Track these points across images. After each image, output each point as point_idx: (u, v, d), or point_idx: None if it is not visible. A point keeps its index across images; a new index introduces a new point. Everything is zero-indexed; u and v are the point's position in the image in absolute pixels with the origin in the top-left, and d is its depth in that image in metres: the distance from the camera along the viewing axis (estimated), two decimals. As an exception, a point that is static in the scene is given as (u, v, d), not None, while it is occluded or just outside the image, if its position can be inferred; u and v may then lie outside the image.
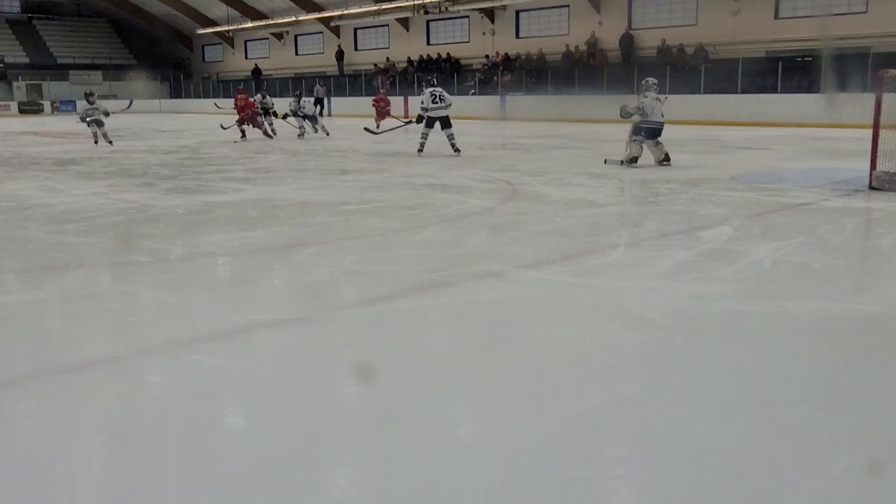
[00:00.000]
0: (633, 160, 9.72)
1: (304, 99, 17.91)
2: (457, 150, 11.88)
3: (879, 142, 7.68)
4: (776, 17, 21.72)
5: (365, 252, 5.44)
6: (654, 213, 7.03)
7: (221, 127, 17.35)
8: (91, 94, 15.44)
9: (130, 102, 18.70)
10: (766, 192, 7.84)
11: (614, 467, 2.34)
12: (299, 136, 16.94)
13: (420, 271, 4.74)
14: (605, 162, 10.00)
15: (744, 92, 20.13)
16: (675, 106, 11.21)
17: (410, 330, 3.70)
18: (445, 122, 11.99)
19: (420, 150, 11.98)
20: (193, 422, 2.68)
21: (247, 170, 10.79)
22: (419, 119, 12.18)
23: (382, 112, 19.19)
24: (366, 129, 13.96)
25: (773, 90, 19.64)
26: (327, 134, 17.26)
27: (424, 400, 2.84)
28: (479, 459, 2.39)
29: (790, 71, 19.82)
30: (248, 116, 16.68)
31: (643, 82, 9.95)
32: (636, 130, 9.73)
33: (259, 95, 17.65)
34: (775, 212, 6.73)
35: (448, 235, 5.94)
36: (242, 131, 16.64)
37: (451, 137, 11.98)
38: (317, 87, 28.08)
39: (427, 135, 12.05)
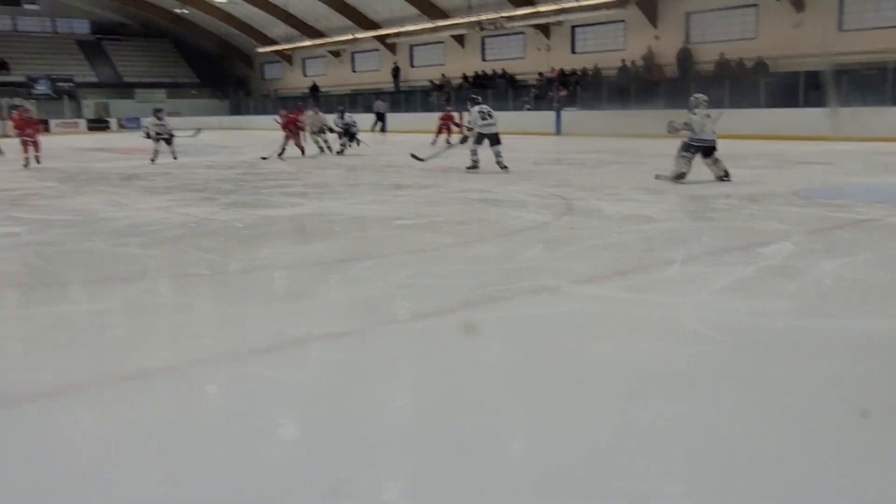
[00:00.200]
0: (679, 176, 9.54)
1: (346, 114, 17.93)
2: (503, 168, 11.87)
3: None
4: (840, 29, 21.22)
5: (419, 266, 5.47)
6: (712, 228, 6.91)
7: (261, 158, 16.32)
8: (159, 111, 15.75)
9: (198, 130, 18.82)
10: (829, 207, 7.64)
11: (667, 484, 2.30)
12: (338, 152, 17.02)
13: (473, 286, 4.74)
14: (657, 177, 9.87)
15: (806, 106, 19.68)
16: (733, 120, 11.05)
17: (463, 344, 3.70)
18: (494, 139, 12.00)
19: (473, 168, 11.99)
20: (249, 432, 2.72)
21: (303, 185, 10.97)
22: (464, 139, 12.22)
23: (448, 129, 19.26)
24: (412, 155, 13.68)
25: (837, 104, 19.13)
26: (358, 144, 17.45)
27: (477, 413, 2.84)
28: (532, 473, 2.38)
29: (855, 84, 19.30)
30: (292, 132, 16.65)
31: (692, 98, 9.79)
32: (686, 147, 9.56)
33: (336, 115, 17.96)
34: (839, 228, 6.55)
35: (502, 250, 5.93)
36: (301, 148, 16.78)
37: (497, 154, 11.98)
38: (377, 103, 28.38)
39: (476, 151, 12.07)
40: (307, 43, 37.52)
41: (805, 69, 20.43)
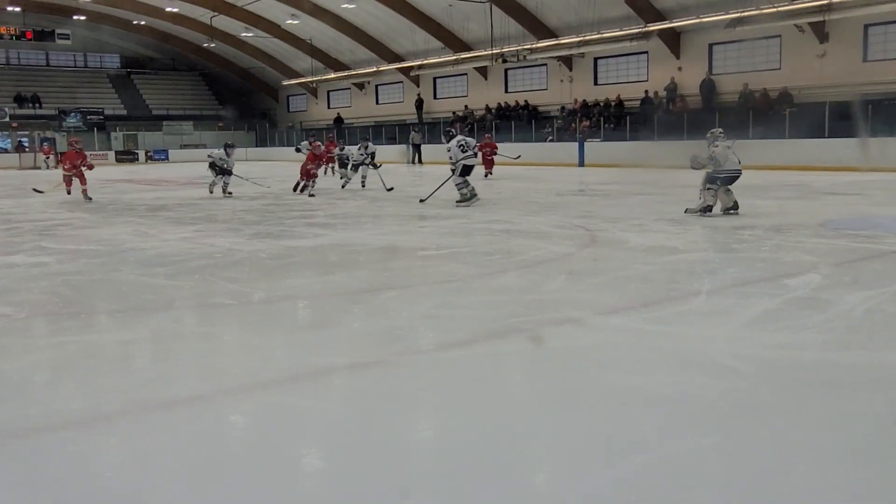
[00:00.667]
0: (707, 209, 9.43)
1: (365, 144, 16.73)
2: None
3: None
4: (864, 59, 21.14)
5: (443, 297, 5.47)
6: (738, 259, 6.85)
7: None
8: (231, 146, 15.14)
9: (264, 186, 17.48)
10: (857, 238, 7.56)
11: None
12: (361, 184, 16.38)
13: (497, 317, 4.73)
14: (686, 212, 9.74)
15: (831, 136, 19.56)
16: (758, 151, 11.01)
17: (488, 375, 3.68)
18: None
19: (467, 200, 11.61)
20: (274, 463, 2.72)
21: (327, 215, 11.05)
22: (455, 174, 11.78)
23: (488, 160, 18.81)
24: (421, 200, 13.21)
25: (872, 134, 18.99)
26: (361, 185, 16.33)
27: (502, 445, 2.82)
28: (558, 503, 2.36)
29: (881, 114, 19.17)
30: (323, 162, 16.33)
31: (709, 134, 9.72)
32: (711, 179, 9.44)
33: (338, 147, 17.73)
34: (867, 259, 6.47)
35: (525, 281, 5.92)
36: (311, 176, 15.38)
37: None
38: (413, 134, 28.51)
39: (466, 183, 11.75)
40: (332, 76, 38.01)
41: (830, 99, 20.34)
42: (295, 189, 15.23)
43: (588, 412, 3.14)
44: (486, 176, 18.29)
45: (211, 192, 15.00)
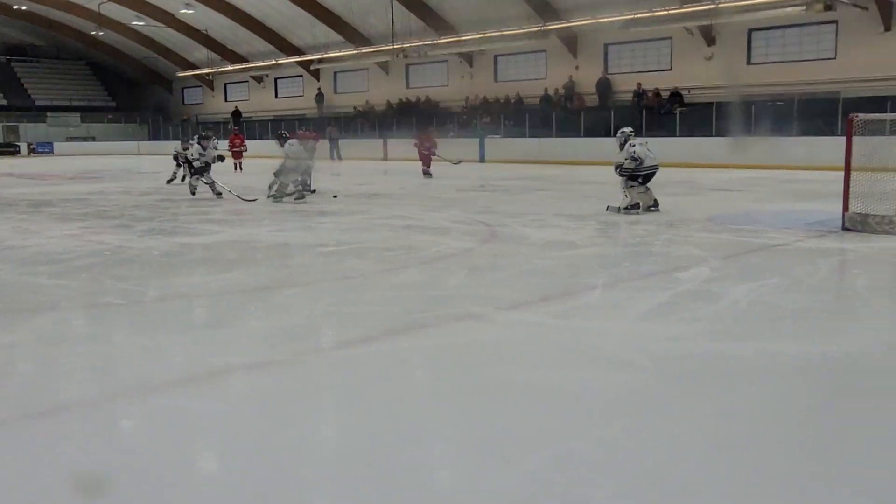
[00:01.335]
0: (634, 206, 9.61)
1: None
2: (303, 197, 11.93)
3: (851, 184, 7.81)
4: (748, 62, 22.20)
5: (343, 294, 5.41)
6: (633, 254, 7.07)
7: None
8: (207, 137, 13.24)
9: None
10: (741, 233, 7.92)
11: (595, 512, 2.31)
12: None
13: (398, 313, 4.71)
14: (608, 209, 9.87)
15: (718, 135, 20.46)
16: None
17: (389, 372, 3.66)
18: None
19: (303, 199, 11.86)
20: (170, 466, 2.61)
21: (224, 211, 10.74)
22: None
23: (426, 156, 17.70)
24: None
25: (747, 133, 19.96)
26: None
27: (404, 443, 2.80)
28: (461, 502, 2.36)
29: (763, 115, 20.20)
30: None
31: (620, 134, 9.89)
32: (632, 177, 9.63)
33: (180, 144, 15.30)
34: (751, 252, 6.79)
35: (427, 277, 5.93)
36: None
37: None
38: (329, 129, 27.99)
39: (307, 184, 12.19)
40: (229, 68, 37.02)
41: (717, 100, 21.28)
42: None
43: (489, 408, 3.16)
44: (423, 174, 17.35)
45: (192, 193, 13.07)
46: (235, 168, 20.25)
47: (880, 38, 19.52)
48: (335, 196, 12.30)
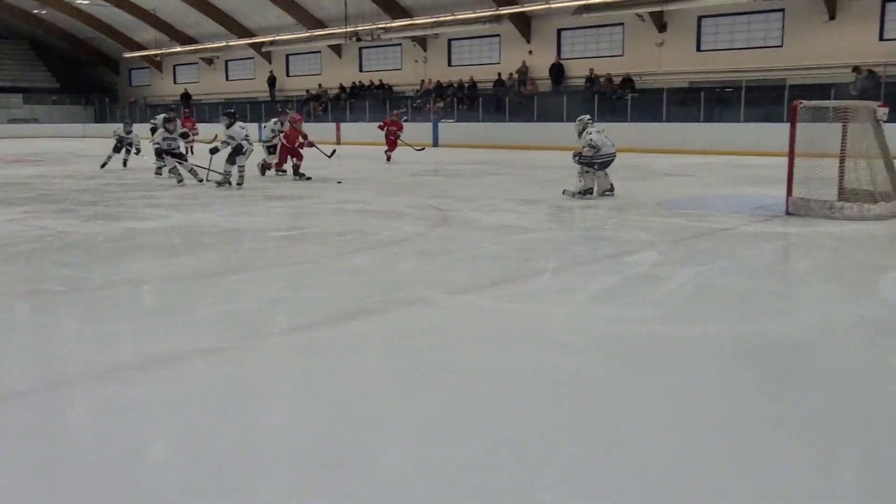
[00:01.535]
0: (588, 191, 9.68)
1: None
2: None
3: (795, 169, 7.99)
4: (698, 49, 22.50)
5: (293, 279, 5.36)
6: (583, 238, 7.13)
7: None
8: (171, 119, 12.55)
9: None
10: (689, 217, 8.05)
11: (544, 493, 2.33)
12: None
13: (349, 298, 4.69)
14: (563, 193, 9.94)
15: (669, 121, 20.74)
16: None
17: (339, 358, 3.64)
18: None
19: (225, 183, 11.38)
20: (118, 458, 2.56)
21: (173, 195, 10.54)
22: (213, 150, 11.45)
23: (391, 140, 17.10)
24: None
25: (697, 119, 20.29)
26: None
27: (353, 428, 2.79)
28: (410, 488, 2.36)
29: (712, 101, 20.53)
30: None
31: (578, 121, 9.97)
32: (589, 163, 9.70)
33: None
34: (698, 237, 6.90)
35: (377, 262, 5.90)
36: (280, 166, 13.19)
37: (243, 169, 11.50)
38: (291, 114, 27.47)
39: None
40: (177, 49, 36.26)
41: (668, 86, 21.56)
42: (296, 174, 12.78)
43: (438, 392, 3.17)
44: (388, 159, 16.91)
45: (162, 173, 12.51)
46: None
47: (825, 26, 19.93)
48: (339, 182, 11.95)
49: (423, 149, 18.65)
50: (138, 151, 14.83)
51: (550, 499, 2.31)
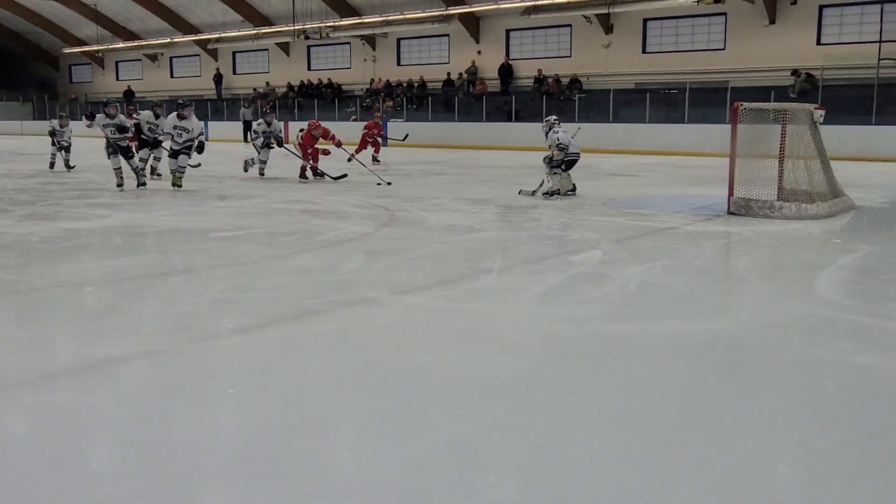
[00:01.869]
0: (555, 192, 9.73)
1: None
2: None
3: (736, 170, 8.16)
4: (643, 51, 22.85)
5: (236, 280, 5.27)
6: (529, 238, 7.17)
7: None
8: (109, 104, 11.66)
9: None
10: (634, 216, 8.16)
11: (486, 493, 2.33)
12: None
13: (293, 299, 4.63)
14: (520, 192, 10.01)
15: (615, 121, 21.02)
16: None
17: (281, 360, 3.58)
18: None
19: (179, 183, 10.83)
20: (52, 465, 2.48)
21: (114, 195, 10.29)
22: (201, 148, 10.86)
23: (373, 142, 16.05)
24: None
25: (642, 120, 20.61)
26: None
27: (297, 430, 2.75)
28: (354, 489, 2.33)
29: (657, 102, 20.88)
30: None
31: (545, 122, 10.09)
32: (556, 164, 9.78)
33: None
34: (642, 236, 7.00)
35: (323, 262, 5.84)
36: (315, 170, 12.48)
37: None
38: (242, 110, 26.99)
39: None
40: (120, 45, 35.47)
41: (614, 87, 21.85)
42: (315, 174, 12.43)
43: (381, 393, 3.14)
44: (372, 160, 15.68)
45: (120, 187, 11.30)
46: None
47: (766, 30, 20.44)
48: (389, 183, 11.48)
49: (406, 136, 17.83)
50: (68, 148, 14.32)
51: (494, 497, 2.31)
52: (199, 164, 12.58)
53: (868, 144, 16.51)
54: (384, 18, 25.94)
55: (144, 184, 11.03)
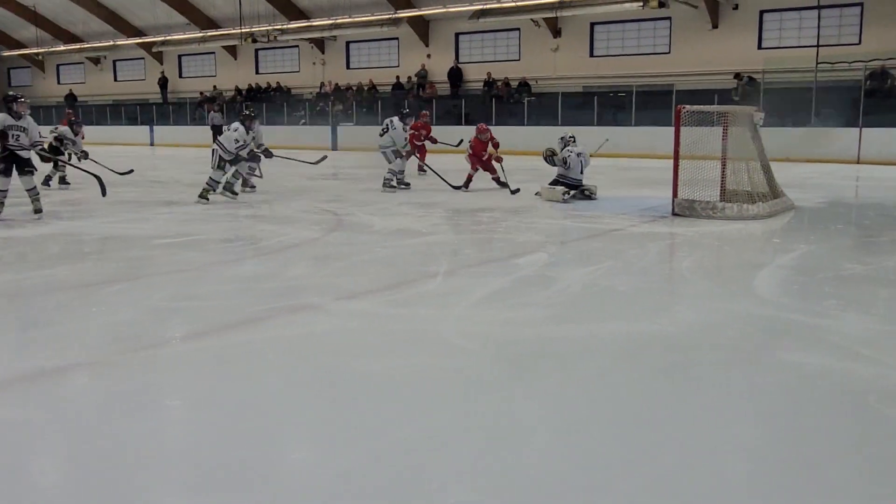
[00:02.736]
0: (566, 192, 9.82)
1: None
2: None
3: (679, 171, 8.28)
4: (591, 54, 23.11)
5: (176, 288, 5.17)
6: (476, 241, 7.18)
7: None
8: (15, 100, 8.57)
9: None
10: (580, 219, 8.23)
11: (433, 496, 2.31)
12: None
13: (235, 306, 4.55)
14: (513, 192, 10.23)
15: (564, 124, 21.18)
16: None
17: (224, 369, 3.51)
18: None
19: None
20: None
21: (52, 202, 10.00)
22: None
23: (421, 147, 13.31)
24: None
25: (591, 123, 20.82)
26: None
27: (243, 438, 2.70)
28: (303, 495, 2.30)
29: (604, 105, 21.13)
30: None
31: (560, 139, 10.25)
32: (554, 181, 9.94)
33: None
34: (588, 238, 7.06)
35: (266, 269, 5.77)
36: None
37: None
38: (212, 115, 26.45)
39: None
40: (62, 48, 34.61)
41: (562, 90, 22.05)
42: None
43: (326, 400, 3.11)
44: (419, 170, 13.82)
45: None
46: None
47: (709, 34, 20.83)
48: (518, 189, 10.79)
49: (461, 142, 14.15)
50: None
51: (442, 499, 2.29)
52: (132, 171, 11.81)
53: (807, 146, 16.93)
54: (333, 21, 25.76)
55: (41, 210, 8.46)
